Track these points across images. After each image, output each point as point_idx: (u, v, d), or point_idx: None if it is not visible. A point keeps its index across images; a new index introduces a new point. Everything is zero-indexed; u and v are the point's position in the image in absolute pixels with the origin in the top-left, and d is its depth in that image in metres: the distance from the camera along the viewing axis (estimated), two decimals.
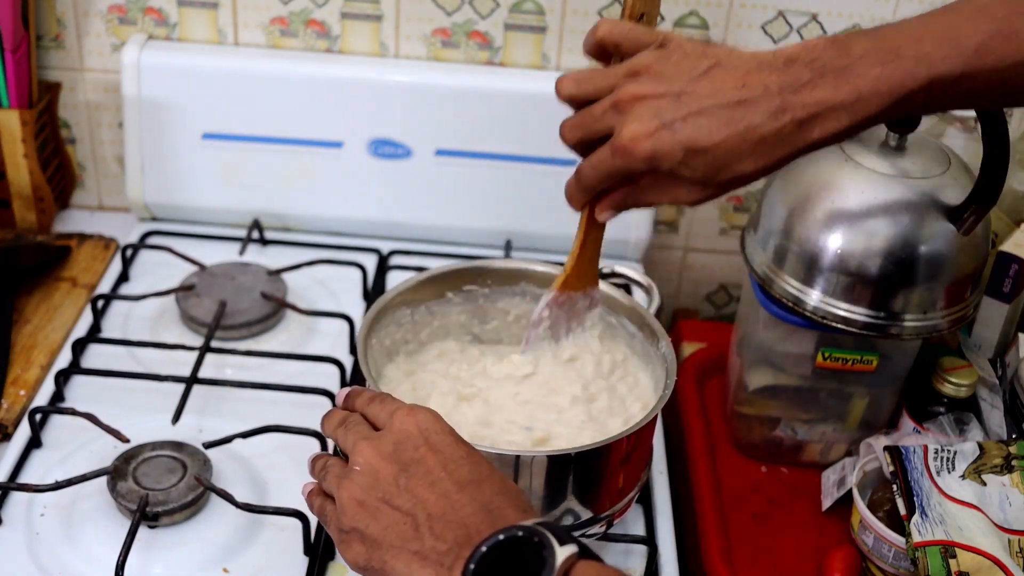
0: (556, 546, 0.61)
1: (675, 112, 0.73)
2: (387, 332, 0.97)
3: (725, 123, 0.73)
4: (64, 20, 1.27)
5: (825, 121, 0.73)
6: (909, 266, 0.93)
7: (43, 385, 1.06)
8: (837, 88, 0.72)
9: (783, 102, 0.72)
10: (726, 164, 0.74)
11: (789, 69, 0.73)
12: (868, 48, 0.72)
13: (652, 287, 1.02)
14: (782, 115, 0.73)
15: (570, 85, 0.79)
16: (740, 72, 0.74)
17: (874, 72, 0.72)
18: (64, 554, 0.89)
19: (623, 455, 0.87)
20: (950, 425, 1.02)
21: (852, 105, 0.72)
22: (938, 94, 0.72)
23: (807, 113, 0.72)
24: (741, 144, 0.73)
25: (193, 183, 1.29)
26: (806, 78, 0.72)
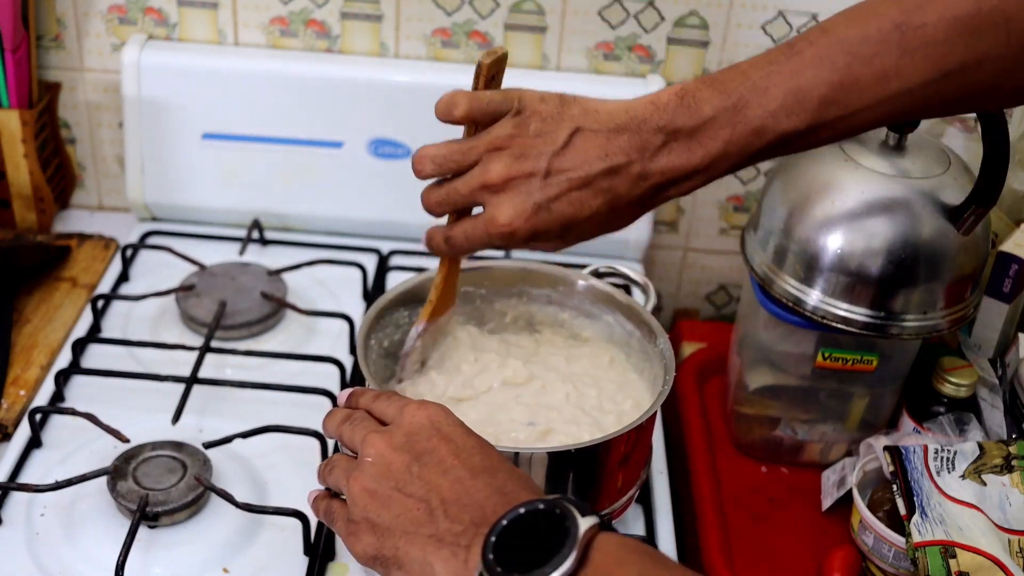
0: (579, 516, 0.61)
1: (547, 192, 0.77)
2: (386, 333, 0.97)
3: (594, 195, 0.77)
4: (64, 20, 1.27)
5: (681, 183, 0.78)
6: (909, 266, 0.93)
7: (43, 385, 1.06)
8: (691, 153, 0.76)
9: (643, 170, 0.77)
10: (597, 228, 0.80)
11: (643, 134, 0.76)
12: (717, 107, 0.75)
13: (648, 285, 1.02)
14: (643, 182, 0.77)
15: (430, 166, 0.82)
16: (601, 138, 0.77)
17: (723, 135, 0.75)
18: (64, 554, 0.89)
19: (623, 452, 0.87)
20: (950, 425, 1.02)
21: (706, 168, 0.77)
22: (784, 147, 0.76)
23: (665, 178, 0.77)
24: (610, 212, 0.78)
25: (193, 183, 1.29)
26: (659, 142, 0.76)
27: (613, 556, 0.60)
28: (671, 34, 1.24)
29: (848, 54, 0.73)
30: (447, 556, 0.65)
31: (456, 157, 0.80)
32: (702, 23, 1.23)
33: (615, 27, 1.24)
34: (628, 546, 0.61)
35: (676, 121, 0.76)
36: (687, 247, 1.37)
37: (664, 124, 0.76)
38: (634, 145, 0.76)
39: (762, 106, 0.74)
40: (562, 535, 0.60)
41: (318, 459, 0.97)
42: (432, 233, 0.86)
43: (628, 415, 0.93)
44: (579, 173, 0.77)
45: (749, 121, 0.75)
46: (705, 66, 1.25)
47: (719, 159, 0.76)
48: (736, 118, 0.75)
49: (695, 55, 1.25)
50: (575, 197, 0.77)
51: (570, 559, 0.59)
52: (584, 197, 0.77)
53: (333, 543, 0.92)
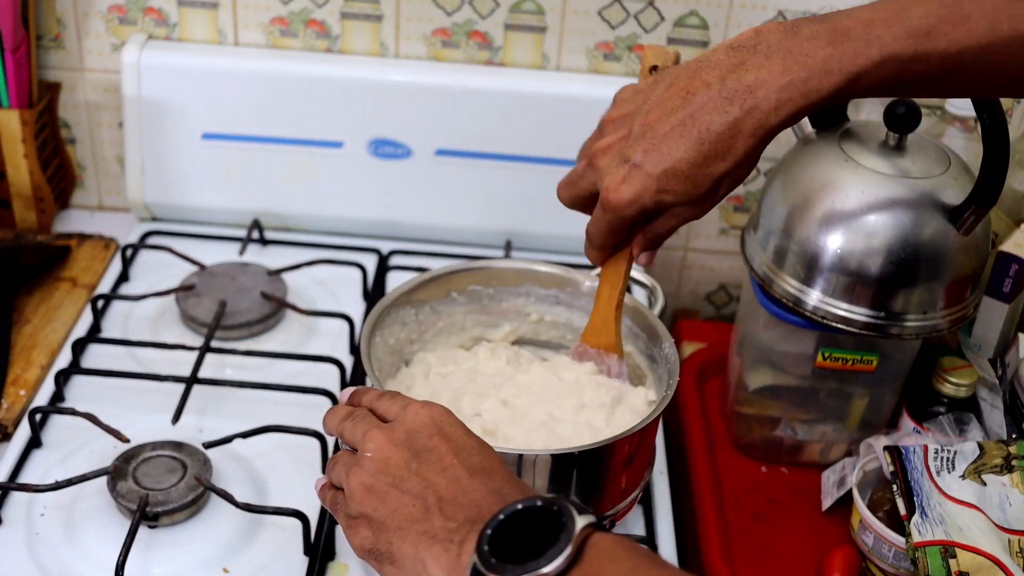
0: (575, 514, 0.61)
1: (636, 149, 0.75)
2: (391, 331, 0.97)
3: (678, 138, 0.74)
4: (64, 20, 1.27)
5: (778, 103, 0.72)
6: (909, 266, 0.93)
7: (43, 385, 1.06)
8: (785, 67, 0.71)
9: (728, 93, 0.72)
10: (699, 174, 0.74)
11: (731, 57, 0.73)
12: (816, 30, 0.71)
13: (656, 288, 1.02)
14: (730, 106, 0.72)
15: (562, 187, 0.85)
16: (684, 81, 0.74)
17: (824, 51, 0.71)
18: (64, 554, 0.89)
19: (626, 455, 0.87)
20: (950, 425, 1.02)
21: (803, 83, 0.71)
22: (890, 75, 0.71)
23: (757, 98, 0.72)
24: (701, 149, 0.73)
25: (193, 183, 1.29)
26: (751, 62, 0.72)
27: (607, 553, 0.60)
28: (671, 34, 1.24)
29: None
30: (439, 552, 0.65)
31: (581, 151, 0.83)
32: (702, 23, 1.23)
33: (615, 27, 1.24)
34: (622, 544, 0.61)
35: (770, 39, 0.72)
36: (687, 247, 1.37)
37: (756, 44, 0.72)
38: (717, 73, 0.73)
39: (867, 30, 0.70)
40: (557, 530, 0.61)
41: (318, 459, 0.97)
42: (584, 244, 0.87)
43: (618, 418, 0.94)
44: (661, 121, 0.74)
45: (851, 41, 0.70)
46: None
47: (819, 74, 0.70)
48: (837, 38, 0.70)
49: (695, 55, 1.24)
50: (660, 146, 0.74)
51: (565, 553, 0.59)
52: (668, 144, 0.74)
53: (333, 543, 0.92)
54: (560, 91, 1.24)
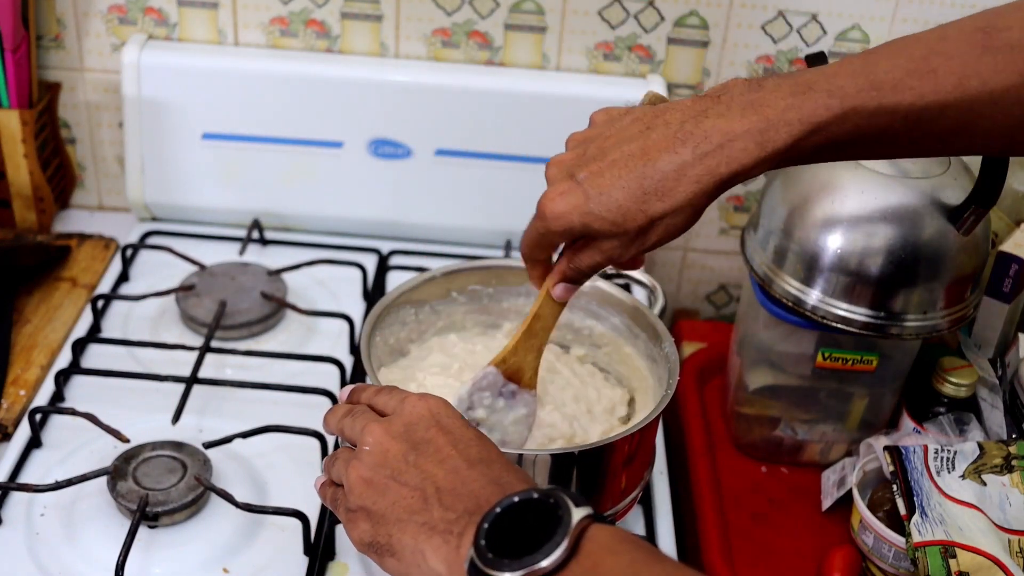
0: (572, 507, 0.61)
1: (582, 168, 0.74)
2: (391, 331, 0.97)
3: (623, 166, 0.72)
4: (64, 20, 1.27)
5: (730, 152, 0.70)
6: (909, 266, 0.93)
7: (43, 385, 1.06)
8: (744, 116, 0.69)
9: (683, 134, 0.71)
10: (634, 208, 0.72)
11: (696, 104, 0.72)
12: (780, 83, 0.71)
13: (656, 288, 1.02)
14: (682, 148, 0.70)
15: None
16: (648, 117, 0.74)
17: (784, 102, 0.69)
18: (64, 554, 0.89)
19: (626, 454, 0.87)
20: (950, 425, 1.02)
21: (760, 133, 0.69)
22: (852, 128, 0.69)
23: (710, 144, 0.70)
24: (642, 184, 0.71)
25: (193, 183, 1.29)
26: (712, 110, 0.71)
27: (605, 546, 0.60)
28: (671, 34, 1.24)
29: (926, 48, 0.69)
30: (439, 543, 0.65)
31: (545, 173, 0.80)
32: (702, 23, 1.23)
33: (615, 27, 1.24)
34: (620, 537, 0.61)
35: (734, 91, 0.71)
36: (687, 247, 1.37)
37: (720, 95, 0.71)
38: (679, 116, 0.72)
39: (831, 83, 0.69)
40: (554, 524, 0.61)
41: (318, 459, 0.97)
42: None
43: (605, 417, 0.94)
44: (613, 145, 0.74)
45: (814, 93, 0.69)
46: (705, 66, 1.25)
47: (777, 125, 0.69)
48: (800, 89, 0.69)
49: (695, 55, 1.25)
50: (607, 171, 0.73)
51: (561, 547, 0.59)
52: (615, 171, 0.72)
53: (333, 543, 0.92)
54: (560, 91, 1.24)
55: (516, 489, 0.66)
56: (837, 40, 1.23)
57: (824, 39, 1.23)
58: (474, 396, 0.88)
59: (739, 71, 1.25)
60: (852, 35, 1.22)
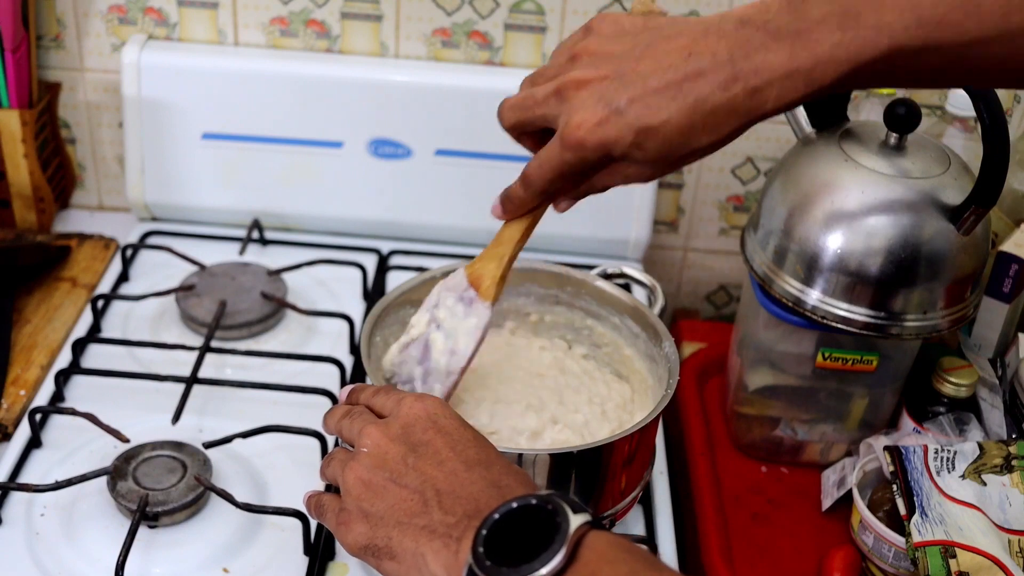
0: (570, 513, 0.61)
1: (621, 94, 0.70)
2: (391, 331, 0.97)
3: (672, 99, 0.69)
4: (64, 20, 1.27)
5: (780, 90, 0.69)
6: (909, 266, 0.93)
7: (43, 385, 1.06)
8: (793, 53, 0.68)
9: (734, 70, 0.68)
10: (680, 141, 0.70)
11: (740, 32, 0.69)
12: (826, 12, 0.68)
13: (656, 288, 1.02)
14: (733, 84, 0.68)
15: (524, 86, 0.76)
16: (686, 40, 0.70)
17: (833, 38, 0.67)
18: (64, 554, 0.89)
19: (625, 454, 0.87)
20: (950, 425, 1.02)
21: (808, 72, 0.68)
22: (897, 66, 0.68)
23: (760, 80, 0.68)
24: (692, 118, 0.69)
25: (193, 183, 1.29)
26: (758, 41, 0.68)
27: (603, 554, 0.60)
28: None
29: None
30: (439, 547, 0.65)
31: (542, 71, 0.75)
32: None
33: None
34: (618, 545, 0.61)
35: (779, 19, 0.68)
36: (687, 247, 1.37)
37: (765, 22, 0.68)
38: (725, 45, 0.68)
39: (877, 16, 0.67)
40: (552, 531, 0.60)
41: (318, 459, 0.97)
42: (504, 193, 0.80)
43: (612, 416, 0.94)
44: (657, 77, 0.69)
45: (861, 28, 0.67)
46: None
47: (824, 64, 0.67)
48: (847, 23, 0.67)
49: None
50: (651, 102, 0.69)
51: (559, 555, 0.59)
52: (660, 102, 0.69)
53: (333, 543, 0.92)
54: None
55: (515, 491, 0.66)
56: None
57: None
58: (441, 294, 0.85)
59: None
60: None
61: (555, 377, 0.98)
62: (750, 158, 1.31)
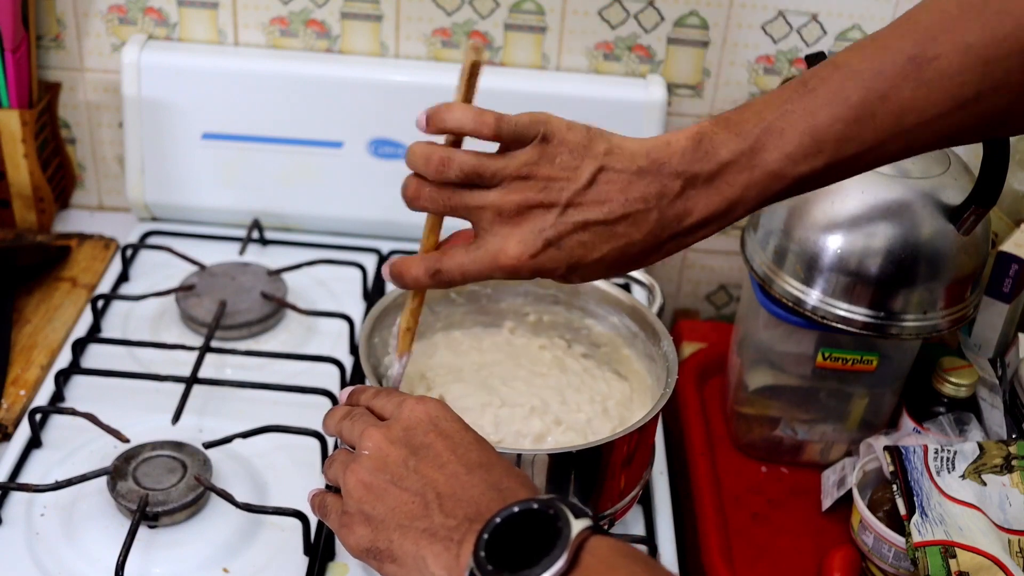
0: (572, 518, 0.61)
1: (560, 228, 0.74)
2: (391, 331, 0.97)
3: (607, 239, 0.74)
4: (64, 20, 1.27)
5: (700, 232, 0.76)
6: (909, 266, 0.93)
7: (43, 385, 1.06)
8: (709, 199, 0.74)
9: (662, 219, 0.74)
10: (602, 272, 0.77)
11: (661, 177, 0.74)
12: (734, 151, 0.73)
13: (655, 287, 1.02)
14: (661, 232, 0.75)
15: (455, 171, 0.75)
16: (623, 181, 0.74)
17: (741, 179, 0.73)
18: (64, 554, 0.89)
19: (625, 453, 0.87)
20: (950, 425, 1.02)
21: (726, 212, 0.75)
22: (804, 187, 0.74)
23: (683, 227, 0.75)
24: (621, 257, 0.75)
25: (193, 183, 1.29)
26: (678, 189, 0.74)
27: (604, 560, 0.60)
28: (671, 34, 1.24)
29: (862, 89, 0.71)
30: (440, 550, 0.65)
31: (484, 172, 0.75)
32: (702, 23, 1.23)
33: (615, 27, 1.24)
34: (620, 550, 0.61)
35: (694, 167, 0.73)
36: None
37: (682, 170, 0.73)
38: (653, 191, 0.74)
39: (779, 148, 0.72)
40: (554, 536, 0.60)
41: (318, 459, 0.97)
42: (407, 266, 0.79)
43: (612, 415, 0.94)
44: (596, 214, 0.74)
45: (767, 165, 0.73)
46: (705, 66, 1.25)
47: (737, 204, 0.74)
48: (753, 161, 0.73)
49: (695, 55, 1.25)
50: (587, 240, 0.74)
51: (560, 560, 0.59)
52: (596, 240, 0.74)
53: (333, 543, 0.92)
54: (560, 91, 1.24)
55: (516, 494, 0.66)
56: (837, 40, 1.23)
57: (824, 39, 1.23)
58: None
59: (739, 71, 1.25)
60: (852, 35, 1.22)
61: (556, 376, 0.98)
62: None
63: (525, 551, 0.61)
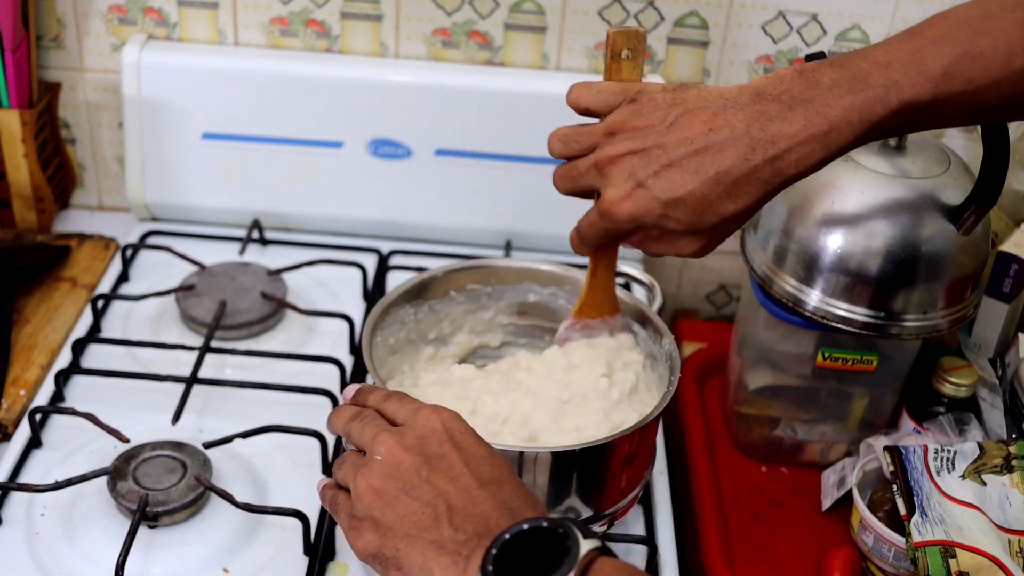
0: (580, 538, 0.61)
1: (647, 169, 0.76)
2: (391, 331, 0.97)
3: (694, 171, 0.74)
4: (64, 20, 1.27)
5: (798, 155, 0.74)
6: (909, 266, 0.93)
7: (43, 385, 1.06)
8: (808, 120, 0.73)
9: (752, 141, 0.73)
10: (705, 210, 0.76)
11: (756, 104, 0.74)
12: (836, 78, 0.73)
13: (655, 285, 1.02)
14: (752, 155, 0.74)
15: (558, 145, 0.83)
16: (706, 115, 0.75)
17: (844, 101, 0.72)
18: (64, 554, 0.89)
19: (627, 452, 0.87)
20: (950, 425, 1.02)
21: (824, 136, 0.73)
22: (908, 119, 0.73)
23: (778, 149, 0.73)
24: (715, 189, 0.75)
25: (193, 183, 1.29)
26: (774, 112, 0.73)
27: None
28: (671, 34, 1.24)
29: (971, 30, 0.72)
30: (447, 564, 0.65)
31: (578, 138, 0.81)
32: (702, 23, 1.23)
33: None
34: (626, 571, 0.61)
35: (793, 90, 0.73)
36: None
37: (779, 93, 0.74)
38: (742, 118, 0.74)
39: (885, 75, 0.72)
40: (562, 554, 0.61)
41: (318, 459, 0.97)
42: (572, 232, 0.87)
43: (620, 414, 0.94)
44: (679, 150, 0.75)
45: (870, 88, 0.72)
46: (705, 66, 1.25)
47: (839, 127, 0.73)
48: (857, 86, 0.72)
49: (695, 55, 1.25)
50: (674, 175, 0.75)
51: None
52: (682, 175, 0.75)
53: (333, 543, 0.92)
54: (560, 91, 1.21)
55: (525, 514, 0.66)
56: (837, 40, 1.23)
57: (824, 39, 1.23)
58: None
59: (739, 71, 1.25)
60: (852, 35, 1.22)
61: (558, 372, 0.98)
62: None
63: (531, 569, 0.61)
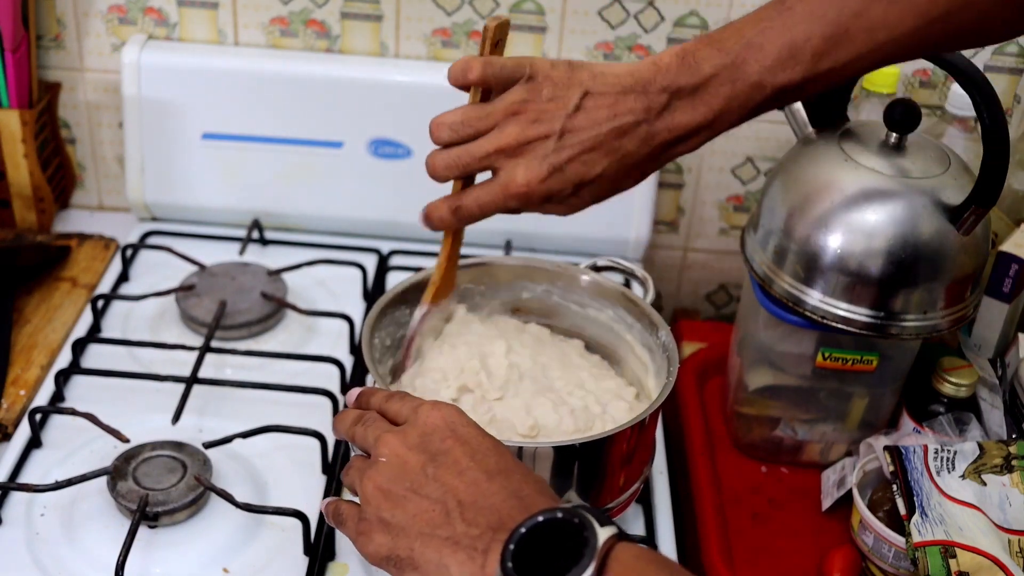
0: (597, 527, 0.61)
1: (561, 153, 0.79)
2: (390, 331, 0.97)
3: (605, 155, 0.80)
4: (64, 20, 1.27)
5: (688, 139, 0.80)
6: (909, 266, 0.93)
7: (43, 385, 1.06)
8: (695, 110, 0.79)
9: (651, 128, 0.79)
10: (609, 187, 0.82)
11: (648, 93, 0.79)
12: (716, 66, 0.78)
13: (647, 279, 1.02)
14: (651, 140, 0.80)
15: (447, 132, 0.82)
16: (609, 100, 0.79)
17: (724, 91, 0.78)
18: (64, 554, 0.89)
19: (627, 447, 0.87)
20: (950, 425, 1.02)
21: (711, 124, 0.79)
22: (785, 98, 0.79)
23: (672, 136, 0.80)
24: (620, 170, 0.81)
25: (193, 183, 1.29)
26: (664, 102, 0.79)
27: (631, 567, 0.60)
28: (671, 34, 1.24)
29: (837, 8, 0.76)
30: (464, 559, 0.64)
31: (473, 122, 0.81)
32: (702, 23, 1.23)
33: (615, 27, 1.24)
34: (645, 557, 0.61)
35: (679, 80, 0.78)
36: (687, 247, 1.37)
37: (667, 84, 0.78)
38: (641, 106, 0.79)
39: (759, 62, 0.77)
40: (581, 545, 0.60)
41: (318, 459, 0.97)
42: (434, 207, 0.86)
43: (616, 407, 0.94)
44: (590, 134, 0.79)
45: (748, 77, 0.77)
46: None
47: (722, 114, 0.79)
48: (735, 75, 0.77)
49: None
50: (587, 158, 0.79)
51: (589, 570, 0.59)
52: (595, 157, 0.80)
53: (333, 543, 0.92)
54: None
55: (536, 502, 0.66)
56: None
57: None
58: None
59: None
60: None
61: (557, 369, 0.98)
62: (750, 158, 1.31)
63: (549, 560, 0.61)
